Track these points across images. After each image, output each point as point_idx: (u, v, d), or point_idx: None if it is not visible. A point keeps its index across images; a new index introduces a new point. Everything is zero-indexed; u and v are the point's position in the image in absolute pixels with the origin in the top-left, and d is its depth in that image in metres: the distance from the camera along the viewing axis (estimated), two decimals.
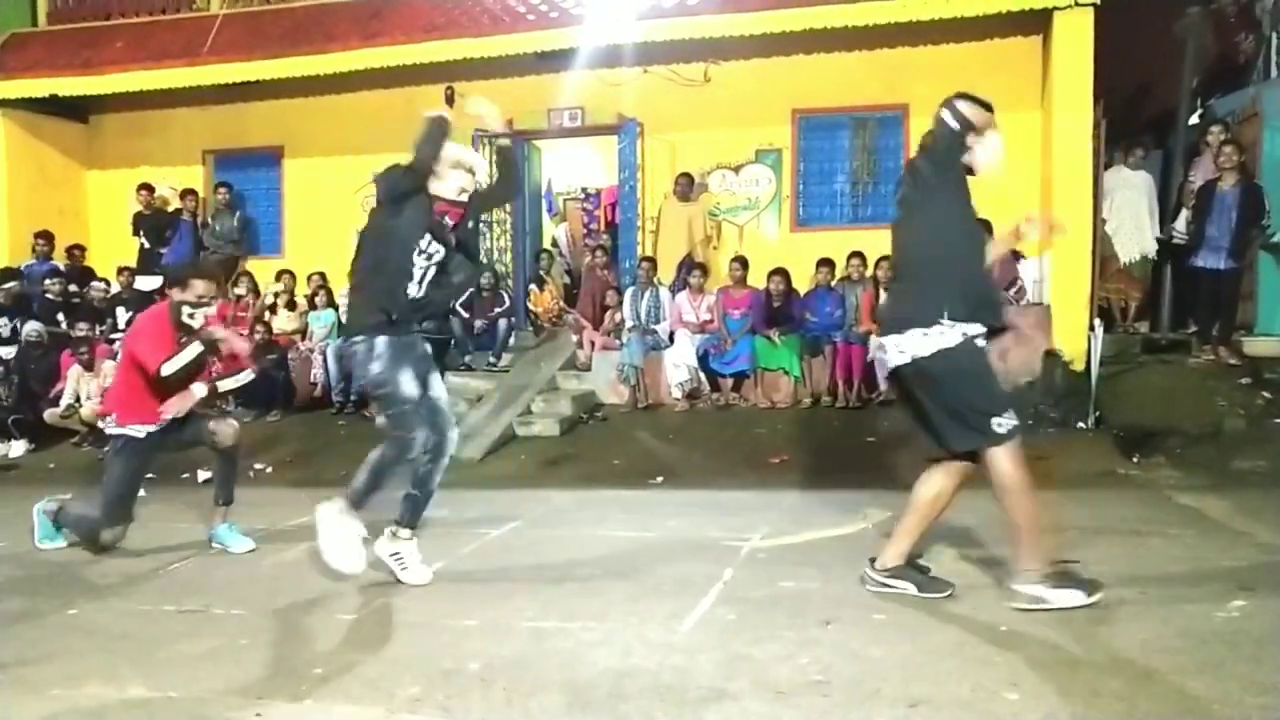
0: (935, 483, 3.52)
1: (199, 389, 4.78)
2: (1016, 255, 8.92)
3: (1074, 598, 3.32)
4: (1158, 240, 8.68)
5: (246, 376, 5.22)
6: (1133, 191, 8.79)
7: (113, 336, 9.82)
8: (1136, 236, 8.77)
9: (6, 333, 9.80)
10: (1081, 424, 7.19)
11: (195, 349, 4.68)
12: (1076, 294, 8.19)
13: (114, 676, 3.11)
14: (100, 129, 11.80)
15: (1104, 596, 3.41)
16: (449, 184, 4.11)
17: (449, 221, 4.13)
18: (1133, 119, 9.89)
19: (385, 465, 4.08)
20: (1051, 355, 8.02)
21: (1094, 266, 8.26)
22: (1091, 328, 7.50)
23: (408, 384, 4.02)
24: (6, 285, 10.00)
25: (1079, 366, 7.72)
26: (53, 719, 2.79)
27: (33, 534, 5.09)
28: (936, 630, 3.28)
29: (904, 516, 3.64)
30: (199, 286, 4.81)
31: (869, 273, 8.82)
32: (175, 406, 4.71)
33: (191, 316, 4.77)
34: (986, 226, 4.56)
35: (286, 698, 2.89)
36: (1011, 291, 8.73)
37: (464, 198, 4.18)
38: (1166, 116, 9.25)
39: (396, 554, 4.12)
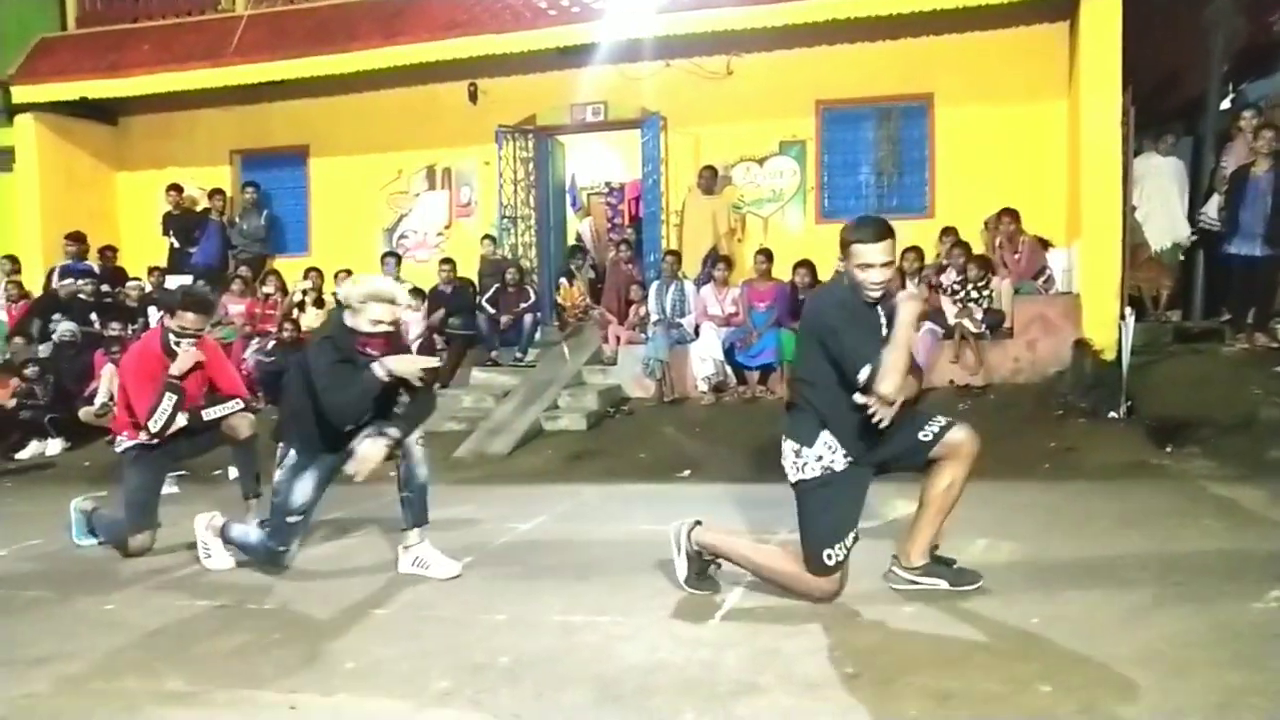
0: (944, 474, 3.50)
1: (180, 419, 4.77)
2: (1045, 244, 8.85)
3: None
4: (1192, 227, 8.56)
5: (234, 405, 5.07)
6: (1163, 178, 8.67)
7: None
8: (1167, 224, 8.65)
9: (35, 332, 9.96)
10: (1113, 414, 7.10)
11: (170, 399, 4.68)
12: (1106, 283, 8.10)
13: (151, 670, 3.16)
14: (128, 131, 11.94)
15: (1138, 589, 3.37)
16: (362, 318, 4.06)
17: (371, 352, 4.09)
18: (1162, 105, 9.74)
19: (250, 552, 4.34)
20: (1081, 345, 7.94)
21: (1124, 255, 8.16)
22: (1122, 317, 7.40)
23: (301, 493, 4.14)
24: (64, 282, 10.14)
25: (1109, 356, 7.64)
26: (92, 712, 2.83)
27: (69, 530, 5.17)
28: (967, 624, 3.26)
29: (918, 513, 3.61)
30: (186, 318, 4.80)
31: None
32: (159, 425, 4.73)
33: (177, 344, 4.80)
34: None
35: (319, 691, 2.92)
36: (1040, 281, 8.66)
37: (381, 329, 4.11)
38: (1197, 102, 9.12)
39: (416, 559, 4.18)
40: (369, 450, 3.97)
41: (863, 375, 3.22)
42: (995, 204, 8.74)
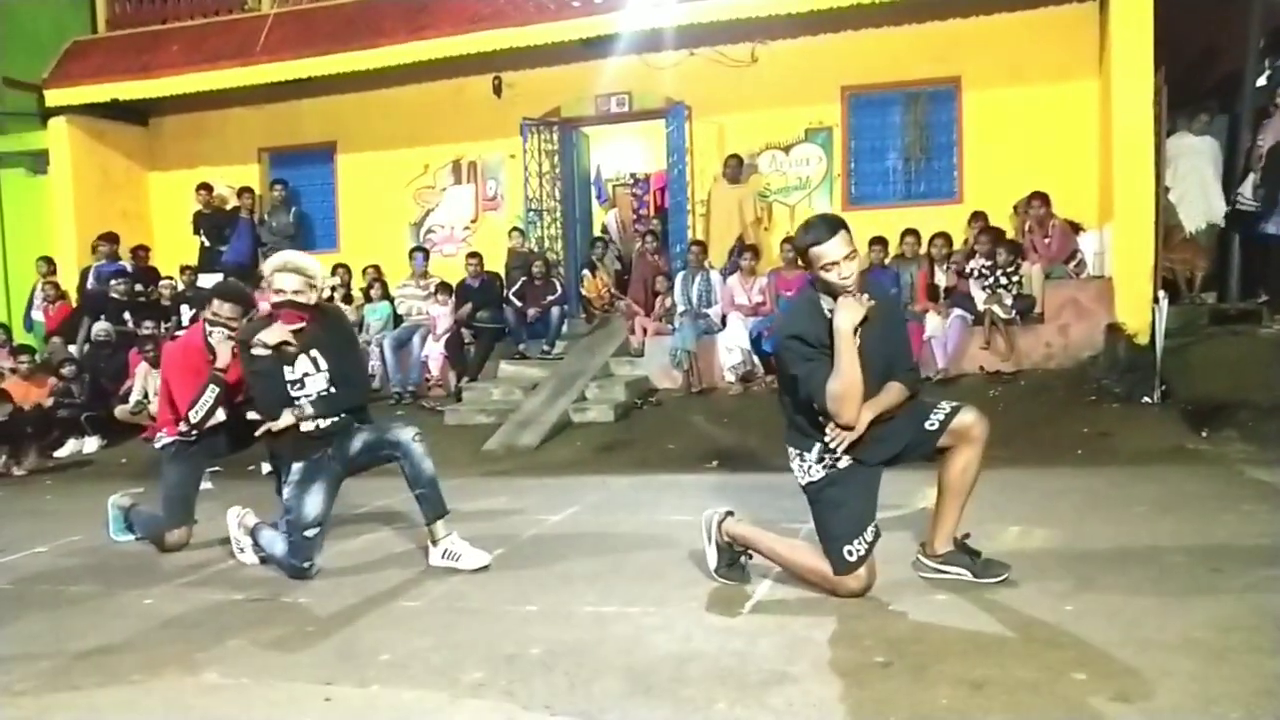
0: (957, 459, 3.45)
1: (220, 414, 4.81)
2: (1076, 227, 8.74)
3: None
4: (1228, 206, 8.41)
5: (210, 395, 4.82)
6: (1197, 158, 8.53)
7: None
8: (1202, 204, 8.52)
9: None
10: (1147, 398, 7.02)
11: (212, 391, 4.73)
12: (1139, 265, 7.99)
13: (189, 663, 3.21)
14: (160, 131, 12.10)
15: (1175, 575, 3.32)
16: (271, 290, 4.18)
17: (286, 326, 4.17)
18: (1196, 83, 9.57)
19: (275, 562, 4.35)
20: (1114, 329, 7.84)
21: (1157, 236, 8.04)
22: (1156, 299, 7.30)
23: (312, 507, 4.18)
24: (112, 283, 10.35)
25: (1143, 340, 7.54)
26: (133, 704, 2.88)
27: (108, 527, 5.26)
28: (1000, 611, 3.23)
29: (938, 500, 3.58)
30: (223, 309, 4.85)
31: (923, 250, 8.69)
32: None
33: (211, 335, 4.85)
34: None
35: (354, 683, 2.95)
36: (1071, 265, 8.55)
37: (284, 299, 4.16)
38: (1232, 79, 8.94)
39: (445, 552, 4.21)
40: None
41: (805, 394, 3.20)
42: (1025, 187, 8.64)
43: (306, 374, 4.24)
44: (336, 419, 4.26)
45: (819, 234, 3.26)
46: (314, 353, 4.25)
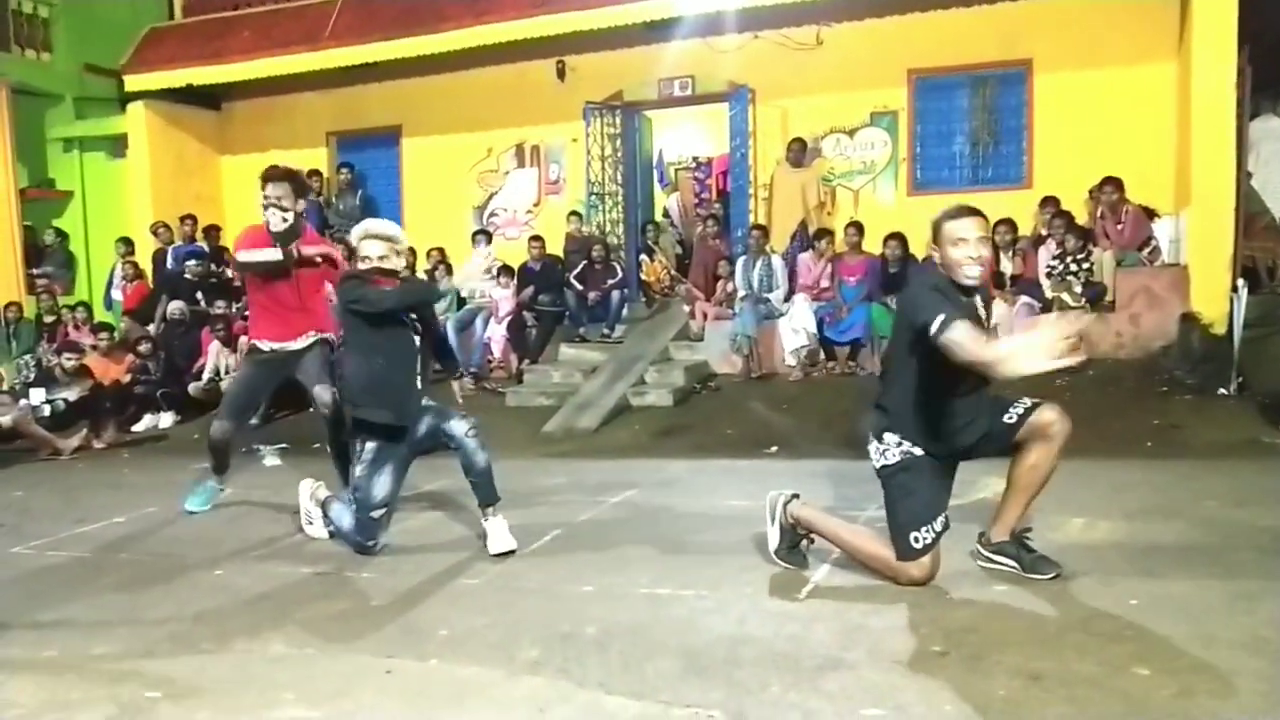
0: (1030, 454, 3.39)
1: (270, 256, 5.08)
2: (1150, 214, 8.49)
3: None
4: None
5: (271, 254, 5.13)
6: None
7: (247, 313, 10.32)
8: None
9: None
10: (1222, 390, 6.81)
11: (272, 254, 5.04)
12: (1218, 253, 7.73)
13: (257, 634, 3.31)
14: (231, 116, 12.39)
15: (1245, 573, 3.23)
16: (358, 257, 4.31)
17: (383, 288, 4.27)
18: None
19: (342, 536, 4.44)
20: (1188, 318, 7.61)
21: (1237, 223, 7.77)
22: (1234, 289, 7.07)
23: (380, 488, 4.26)
24: (190, 262, 10.65)
25: (1219, 330, 7.31)
26: (203, 671, 2.99)
27: (192, 499, 5.44)
28: (1061, 604, 3.18)
29: (1005, 492, 3.53)
30: (266, 189, 5.15)
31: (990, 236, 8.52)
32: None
33: (269, 220, 5.12)
34: None
35: (414, 657, 3.02)
36: (1145, 252, 8.32)
37: (388, 264, 4.28)
38: None
39: (480, 533, 4.30)
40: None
41: (934, 325, 3.06)
42: (1097, 173, 8.41)
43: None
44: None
45: (955, 212, 3.35)
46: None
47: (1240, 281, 7.18)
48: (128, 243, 11.52)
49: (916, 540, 3.37)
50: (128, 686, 2.85)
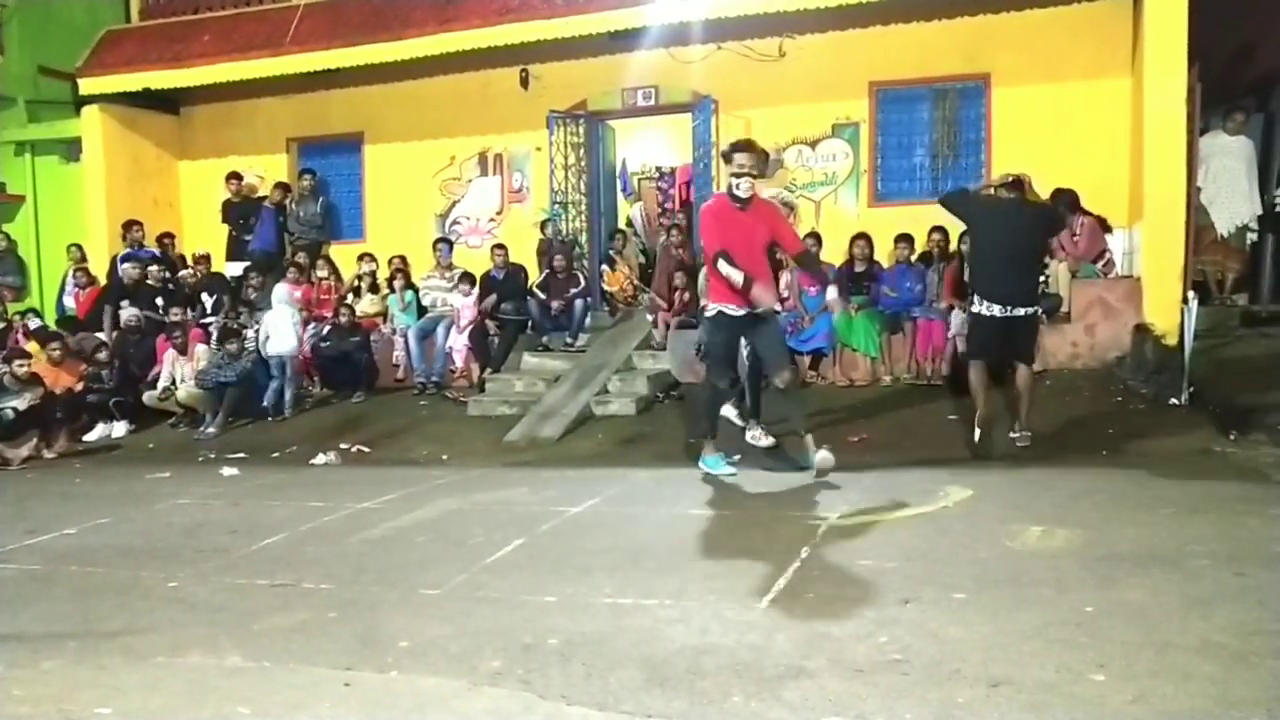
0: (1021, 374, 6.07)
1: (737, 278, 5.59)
2: (1105, 226, 8.64)
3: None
4: (1265, 207, 8.28)
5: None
6: (1230, 159, 8.37)
7: (203, 320, 10.19)
8: (1234, 206, 8.37)
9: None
10: (1174, 400, 6.93)
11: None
12: (1169, 266, 7.89)
13: (213, 646, 3.25)
14: (191, 120, 12.21)
15: (1199, 579, 3.28)
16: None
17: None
18: (1231, 82, 9.43)
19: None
20: (1142, 329, 7.75)
21: (1188, 237, 7.93)
22: (1185, 300, 7.21)
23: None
24: (124, 266, 10.46)
25: (1172, 341, 7.45)
26: (157, 685, 2.93)
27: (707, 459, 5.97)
28: (1018, 611, 3.22)
29: (1020, 398, 6.07)
30: (737, 159, 5.66)
31: (951, 247, 8.63)
32: None
33: (737, 187, 5.69)
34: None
35: (373, 669, 2.98)
36: (1100, 264, 8.46)
37: (755, 172, 5.67)
38: (1268, 78, 8.81)
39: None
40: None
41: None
42: (1054, 185, 8.53)
43: None
44: None
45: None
46: None
47: (1191, 294, 7.33)
48: (81, 249, 11.31)
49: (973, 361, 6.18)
50: (78, 701, 2.78)
